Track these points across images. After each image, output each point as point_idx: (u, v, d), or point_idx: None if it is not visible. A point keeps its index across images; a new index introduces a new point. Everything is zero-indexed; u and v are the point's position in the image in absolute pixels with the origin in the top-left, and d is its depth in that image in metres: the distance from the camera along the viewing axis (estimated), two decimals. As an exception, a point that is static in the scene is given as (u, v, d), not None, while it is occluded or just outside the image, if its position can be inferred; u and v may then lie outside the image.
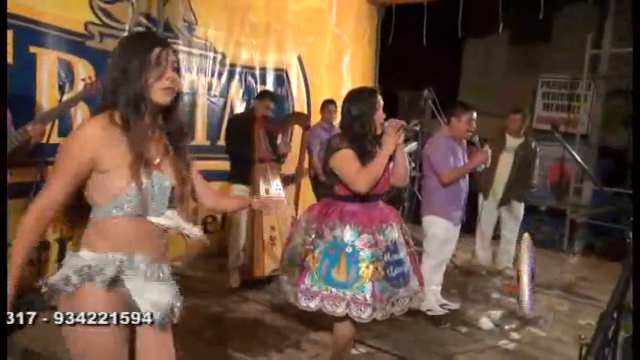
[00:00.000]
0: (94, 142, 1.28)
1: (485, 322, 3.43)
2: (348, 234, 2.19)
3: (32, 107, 3.14)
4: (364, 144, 2.24)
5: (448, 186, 3.34)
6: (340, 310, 2.13)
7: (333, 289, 2.14)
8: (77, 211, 1.39)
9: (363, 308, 2.12)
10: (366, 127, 2.24)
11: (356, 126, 2.24)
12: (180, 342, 2.78)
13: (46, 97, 3.24)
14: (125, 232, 1.34)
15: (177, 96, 1.41)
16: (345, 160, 2.20)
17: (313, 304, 2.16)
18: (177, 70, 1.38)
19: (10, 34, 3.02)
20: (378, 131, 2.28)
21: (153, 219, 1.36)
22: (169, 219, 1.39)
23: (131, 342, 1.42)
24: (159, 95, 1.34)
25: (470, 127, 3.39)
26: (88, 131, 1.31)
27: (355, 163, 2.18)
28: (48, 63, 3.26)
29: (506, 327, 3.40)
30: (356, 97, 2.31)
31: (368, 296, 2.12)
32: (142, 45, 1.34)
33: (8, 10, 2.98)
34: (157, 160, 1.37)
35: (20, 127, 2.51)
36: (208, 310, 3.37)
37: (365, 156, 2.22)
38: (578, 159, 2.10)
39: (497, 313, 3.60)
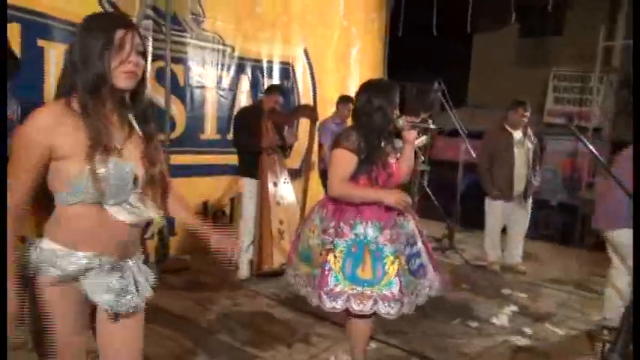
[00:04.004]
0: (48, 131, 1.22)
1: (497, 318, 3.39)
2: (370, 230, 2.14)
3: (41, 101, 3.13)
4: (377, 140, 2.19)
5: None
6: (368, 308, 2.08)
7: (359, 288, 2.09)
8: (44, 199, 1.32)
9: (392, 304, 2.08)
10: (386, 121, 2.19)
11: (376, 118, 2.17)
12: (189, 335, 2.80)
13: (55, 90, 3.23)
14: (84, 221, 1.29)
15: (142, 80, 1.34)
16: (339, 160, 2.17)
17: (339, 305, 2.10)
18: (142, 53, 1.31)
19: (17, 27, 3.02)
20: (393, 128, 2.25)
21: (110, 209, 1.29)
22: (131, 209, 1.32)
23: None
24: (121, 80, 1.27)
25: None
26: (42, 120, 1.23)
27: (344, 170, 2.14)
28: (56, 56, 3.25)
29: (518, 323, 3.35)
30: (377, 87, 2.26)
31: (396, 292, 2.08)
32: (104, 26, 1.26)
33: (15, 4, 2.99)
34: (119, 146, 1.30)
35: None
36: (217, 304, 3.35)
37: (373, 154, 2.16)
38: (594, 151, 2.05)
39: (508, 309, 3.56)
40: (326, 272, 2.11)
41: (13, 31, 3.01)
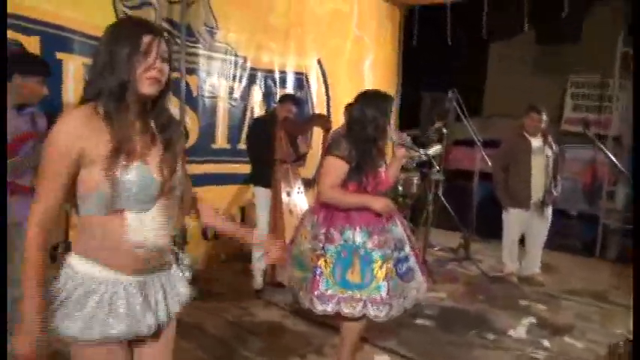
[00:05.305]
0: (78, 134, 1.20)
1: (514, 330, 3.31)
2: (359, 236, 2.22)
3: (59, 112, 3.19)
4: (368, 149, 2.26)
5: None
6: (357, 311, 2.16)
7: (349, 292, 2.18)
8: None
9: (380, 307, 2.17)
10: (379, 132, 2.26)
11: (369, 129, 2.25)
12: (202, 346, 2.80)
13: (73, 102, 3.28)
14: (107, 231, 1.26)
15: (166, 87, 1.33)
16: (329, 167, 2.25)
17: (330, 308, 2.18)
18: (167, 60, 1.30)
19: (36, 40, 3.09)
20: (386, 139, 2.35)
21: (131, 221, 1.26)
22: (152, 224, 1.30)
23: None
24: (145, 86, 1.26)
25: None
26: (71, 124, 1.22)
27: (334, 176, 2.22)
28: (74, 68, 3.31)
29: (536, 335, 3.27)
30: (372, 99, 2.32)
31: (384, 295, 2.17)
32: (131, 32, 1.25)
33: (35, 17, 3.06)
34: (143, 153, 1.28)
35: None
36: (230, 313, 3.35)
37: (364, 162, 2.23)
38: (612, 157, 2.00)
39: (526, 321, 3.48)
40: (317, 276, 2.21)
41: (33, 44, 3.08)
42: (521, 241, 4.45)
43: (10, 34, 2.95)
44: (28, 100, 2.45)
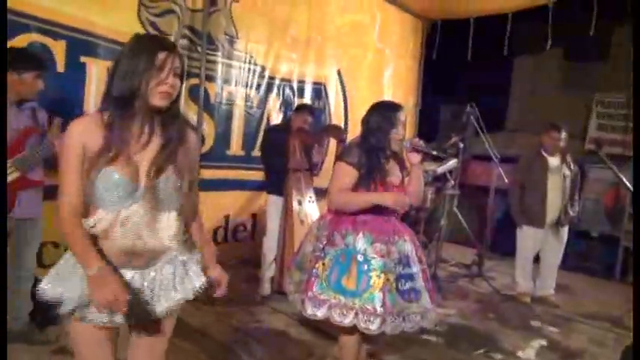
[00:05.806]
0: (80, 136, 1.34)
1: (523, 351, 3.24)
2: (360, 242, 2.17)
3: (81, 113, 3.29)
4: (376, 157, 2.25)
5: None
6: (348, 320, 2.08)
7: (342, 298, 2.10)
8: None
9: (372, 319, 2.06)
10: (381, 141, 2.26)
11: (371, 138, 2.26)
12: (205, 350, 2.82)
13: (95, 103, 3.38)
14: (98, 225, 1.37)
15: (176, 100, 1.44)
16: (338, 173, 2.26)
17: (320, 313, 2.12)
18: (180, 75, 1.40)
19: (62, 44, 3.21)
20: (396, 148, 2.31)
21: (102, 212, 1.36)
22: (132, 228, 1.38)
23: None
24: (157, 99, 1.37)
25: None
26: (75, 127, 1.36)
27: (343, 182, 2.21)
28: (97, 72, 3.42)
29: (546, 358, 3.19)
30: (377, 109, 2.34)
31: (378, 306, 2.06)
32: (148, 48, 1.37)
33: (63, 23, 3.18)
34: (127, 156, 1.36)
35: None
36: (235, 319, 3.37)
37: (373, 169, 2.22)
38: (624, 179, 1.95)
39: (537, 343, 3.40)
40: (312, 278, 2.17)
41: (59, 48, 3.19)
42: (537, 260, 4.37)
43: (39, 38, 3.08)
44: (25, 95, 2.50)
